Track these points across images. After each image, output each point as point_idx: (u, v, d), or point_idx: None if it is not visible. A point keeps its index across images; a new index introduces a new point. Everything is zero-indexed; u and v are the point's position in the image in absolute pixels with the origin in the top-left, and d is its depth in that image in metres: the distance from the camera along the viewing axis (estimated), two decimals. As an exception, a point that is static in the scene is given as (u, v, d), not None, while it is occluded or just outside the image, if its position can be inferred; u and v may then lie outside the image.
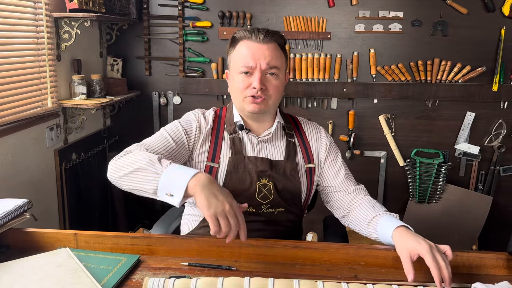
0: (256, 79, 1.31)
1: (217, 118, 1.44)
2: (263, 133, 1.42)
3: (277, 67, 1.33)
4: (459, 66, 2.59)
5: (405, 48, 2.63)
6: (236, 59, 1.36)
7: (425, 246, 1.07)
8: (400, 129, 2.75)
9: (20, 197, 1.39)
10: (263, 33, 1.33)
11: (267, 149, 1.41)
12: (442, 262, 1.04)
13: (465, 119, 2.69)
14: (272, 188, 1.37)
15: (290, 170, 1.39)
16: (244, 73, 1.33)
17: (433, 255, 1.05)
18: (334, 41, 2.65)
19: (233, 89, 1.39)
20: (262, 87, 1.31)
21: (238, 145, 1.38)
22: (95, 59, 2.63)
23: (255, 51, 1.32)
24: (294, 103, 2.75)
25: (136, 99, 2.79)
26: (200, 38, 2.67)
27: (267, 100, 1.34)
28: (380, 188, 2.84)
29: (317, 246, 1.19)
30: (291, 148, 1.43)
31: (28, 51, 1.94)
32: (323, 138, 1.49)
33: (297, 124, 1.51)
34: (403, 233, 1.16)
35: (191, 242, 1.22)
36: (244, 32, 1.35)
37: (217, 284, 0.97)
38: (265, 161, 1.37)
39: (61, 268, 1.07)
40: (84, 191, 2.43)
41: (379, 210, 1.34)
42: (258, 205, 1.36)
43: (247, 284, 0.98)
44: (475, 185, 2.79)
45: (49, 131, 2.10)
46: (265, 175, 1.36)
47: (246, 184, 1.35)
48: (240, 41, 1.36)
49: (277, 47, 1.36)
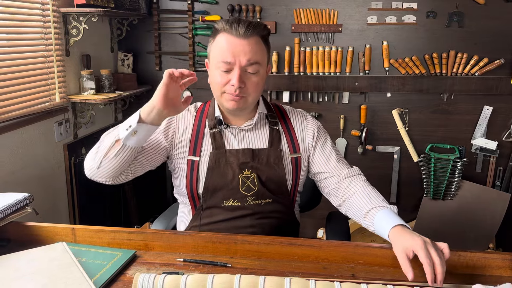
0: (235, 76, 1.24)
1: (199, 112, 1.41)
2: (243, 124, 1.39)
3: (258, 62, 1.27)
4: (476, 59, 2.50)
5: (419, 40, 2.55)
6: (214, 52, 1.29)
7: (419, 242, 1.03)
8: (414, 123, 2.67)
9: (29, 191, 1.41)
10: (243, 26, 1.24)
11: (249, 138, 1.38)
12: (436, 258, 1.00)
13: (482, 113, 2.60)
14: (256, 179, 1.34)
15: (274, 158, 1.36)
16: (222, 69, 1.26)
17: (427, 250, 1.02)
18: (346, 34, 2.60)
19: (212, 83, 1.32)
20: (241, 85, 1.25)
21: (219, 140, 1.36)
22: (106, 54, 2.65)
23: (234, 47, 1.24)
24: (304, 97, 2.71)
25: (147, 94, 2.79)
26: (209, 32, 2.65)
27: (246, 97, 1.29)
28: (394, 184, 2.78)
29: (314, 244, 1.16)
30: (275, 135, 1.39)
31: (36, 47, 1.96)
32: (310, 125, 1.44)
33: (282, 112, 1.46)
34: (399, 232, 1.12)
35: (187, 238, 1.21)
36: (224, 24, 1.26)
37: (207, 280, 0.96)
38: (247, 152, 1.35)
39: (55, 262, 1.08)
40: (94, 185, 2.43)
41: (375, 201, 1.28)
42: (242, 197, 1.34)
43: (237, 281, 0.96)
44: (492, 181, 2.70)
45: (57, 126, 2.12)
46: (247, 166, 1.34)
47: (228, 177, 1.33)
48: (220, 33, 1.28)
49: (259, 41, 1.28)
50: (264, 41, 1.30)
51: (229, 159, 1.34)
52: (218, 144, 1.35)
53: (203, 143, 1.36)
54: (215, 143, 1.35)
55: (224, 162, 1.34)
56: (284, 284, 0.95)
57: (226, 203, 1.34)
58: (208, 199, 1.35)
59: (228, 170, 1.33)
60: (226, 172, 1.33)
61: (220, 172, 1.33)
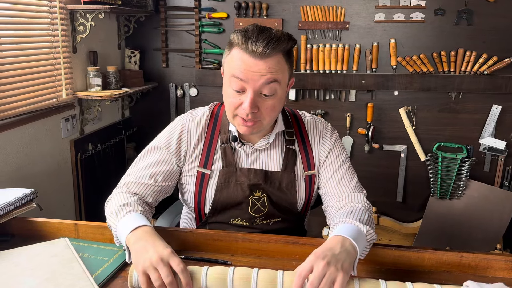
0: (248, 100, 1.11)
1: (212, 119, 1.31)
2: (258, 142, 1.28)
3: (277, 80, 1.12)
4: (485, 57, 2.47)
5: (427, 38, 2.53)
6: (228, 66, 1.15)
7: (311, 256, 0.92)
8: (422, 122, 2.65)
9: (34, 187, 1.42)
10: (261, 44, 1.07)
11: (262, 159, 1.29)
12: (313, 280, 0.87)
13: (491, 112, 2.57)
14: (266, 200, 1.28)
15: (286, 183, 1.28)
16: (234, 88, 1.13)
17: (310, 265, 0.90)
18: (353, 31, 2.58)
19: (225, 101, 1.20)
20: (253, 111, 1.12)
21: (230, 156, 1.27)
22: (113, 51, 2.66)
23: (249, 67, 1.09)
24: (311, 95, 2.70)
25: (153, 91, 2.81)
26: (216, 29, 2.65)
27: (260, 121, 1.17)
28: (400, 183, 2.76)
29: (314, 243, 1.15)
30: (290, 157, 1.29)
31: (43, 43, 1.98)
32: (327, 142, 1.33)
33: (299, 125, 1.35)
34: (328, 240, 1.00)
35: (188, 235, 1.21)
36: (240, 38, 1.10)
37: (201, 272, 0.97)
38: (259, 173, 1.26)
39: (56, 257, 1.09)
40: (102, 181, 2.47)
41: (347, 218, 1.12)
42: (251, 218, 1.29)
43: (231, 273, 0.96)
44: (500, 181, 2.67)
45: (64, 122, 2.14)
46: (258, 188, 1.26)
47: (238, 199, 1.26)
48: (234, 46, 1.13)
49: (280, 59, 1.12)
50: (287, 56, 1.15)
51: (240, 178, 1.26)
52: (229, 161, 1.26)
53: (215, 157, 1.28)
54: (225, 159, 1.27)
55: (234, 181, 1.26)
56: (277, 277, 0.96)
57: (234, 221, 1.31)
58: (214, 216, 1.31)
59: (238, 191, 1.26)
60: (236, 194, 1.26)
61: (229, 192, 1.26)
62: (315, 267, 0.89)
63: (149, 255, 0.94)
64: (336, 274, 0.89)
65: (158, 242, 0.98)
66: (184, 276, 0.92)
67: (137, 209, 1.13)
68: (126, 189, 1.26)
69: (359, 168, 2.74)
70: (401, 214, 2.82)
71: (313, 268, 0.89)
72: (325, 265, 0.89)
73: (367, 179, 2.77)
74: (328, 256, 0.91)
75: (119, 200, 1.18)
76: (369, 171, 2.76)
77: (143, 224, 1.05)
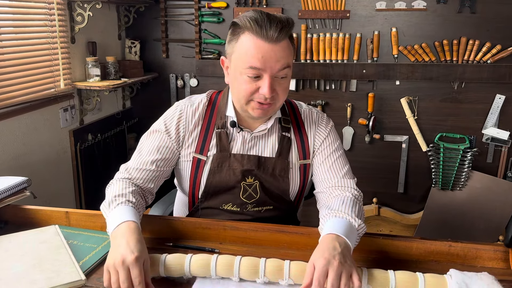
0: (266, 85, 1.13)
1: (210, 106, 1.32)
2: (258, 127, 1.29)
3: (289, 65, 1.16)
4: (488, 46, 2.42)
5: (429, 26, 2.48)
6: (240, 55, 1.15)
7: (322, 260, 0.90)
8: (424, 112, 2.62)
9: (32, 176, 1.43)
10: (277, 29, 1.09)
11: (259, 145, 1.30)
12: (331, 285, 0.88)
13: (494, 102, 2.52)
14: (258, 187, 1.29)
15: (279, 170, 1.29)
16: (249, 75, 1.14)
17: (323, 271, 0.89)
18: (354, 20, 2.55)
19: (235, 89, 1.21)
20: (273, 94, 1.15)
21: (224, 142, 1.28)
22: (113, 41, 2.66)
23: (266, 53, 1.11)
24: (311, 85, 2.68)
25: (154, 82, 2.81)
26: (216, 19, 2.64)
27: (275, 103, 1.19)
28: (402, 174, 2.74)
29: (302, 231, 1.15)
30: (285, 144, 1.30)
31: (41, 33, 1.98)
32: (322, 130, 1.34)
33: (296, 114, 1.36)
34: (323, 240, 1.00)
35: (177, 223, 1.22)
36: (252, 23, 1.10)
37: (185, 259, 0.98)
38: (253, 159, 1.27)
39: (45, 244, 1.10)
40: (102, 171, 2.49)
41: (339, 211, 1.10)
42: (242, 204, 1.30)
43: (214, 260, 0.97)
44: (504, 172, 2.63)
45: (63, 112, 2.15)
46: (251, 174, 1.27)
47: (230, 183, 1.27)
48: (244, 32, 1.13)
49: (288, 42, 1.16)
50: (291, 39, 1.19)
51: (233, 164, 1.27)
52: (223, 146, 1.28)
53: (211, 144, 1.29)
54: (220, 144, 1.28)
55: (227, 166, 1.27)
56: (260, 264, 0.96)
57: (225, 207, 1.31)
58: (206, 200, 1.32)
59: (230, 176, 1.27)
60: (228, 178, 1.27)
61: (222, 177, 1.28)
62: (330, 270, 0.90)
63: (116, 254, 0.94)
64: (350, 269, 0.91)
65: (132, 243, 0.96)
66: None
67: (130, 201, 1.13)
68: (127, 175, 1.27)
69: (360, 159, 2.76)
70: (402, 205, 2.80)
71: (329, 271, 0.90)
72: (339, 265, 0.90)
73: (368, 170, 2.76)
74: (336, 255, 0.92)
75: (116, 189, 1.18)
76: (370, 162, 2.74)
77: (129, 220, 1.04)
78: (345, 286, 0.89)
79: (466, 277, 0.90)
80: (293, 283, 0.96)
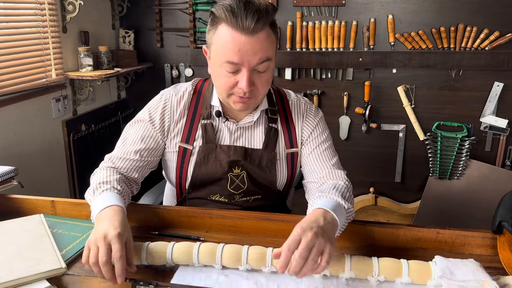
0: (244, 80, 1.08)
1: (196, 94, 1.29)
2: (243, 118, 1.27)
3: (269, 58, 1.10)
4: (486, 32, 2.38)
5: (426, 13, 2.44)
6: (217, 47, 1.10)
7: (298, 229, 0.88)
8: (421, 100, 2.59)
9: (24, 166, 1.42)
10: (253, 20, 1.02)
11: (245, 136, 1.28)
12: (301, 252, 0.85)
13: (492, 89, 2.49)
14: (246, 177, 1.27)
15: (266, 161, 1.27)
16: (227, 69, 1.10)
17: (297, 236, 0.87)
18: (350, 7, 2.51)
19: (216, 81, 1.17)
20: (251, 88, 1.11)
21: (210, 133, 1.25)
22: (107, 31, 2.64)
23: (243, 46, 1.05)
24: (307, 74, 2.65)
25: (149, 72, 2.79)
26: (210, 7, 2.61)
27: (256, 96, 1.15)
28: (399, 163, 2.72)
29: (288, 219, 1.13)
30: (272, 135, 1.28)
31: (31, 23, 1.96)
32: (310, 120, 1.31)
33: (283, 103, 1.33)
34: (308, 213, 1.00)
35: (163, 211, 1.20)
36: (227, 13, 1.04)
37: (167, 247, 0.97)
38: (239, 150, 1.25)
39: (28, 233, 1.09)
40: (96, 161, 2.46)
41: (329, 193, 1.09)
42: (230, 195, 1.28)
43: (197, 248, 0.96)
44: (502, 161, 2.60)
45: (55, 102, 2.14)
46: (237, 165, 1.25)
47: (217, 175, 1.26)
48: (221, 23, 1.07)
49: (269, 32, 1.09)
50: (273, 27, 1.12)
51: (219, 155, 1.25)
52: (209, 138, 1.25)
53: (197, 133, 1.27)
54: (206, 136, 1.25)
55: (213, 158, 1.25)
56: (242, 251, 0.95)
57: (213, 198, 1.30)
58: (194, 191, 1.31)
59: (217, 167, 1.25)
60: (215, 170, 1.25)
61: (208, 169, 1.26)
62: (303, 239, 0.87)
63: (98, 231, 0.92)
64: (324, 244, 0.87)
65: (116, 221, 0.94)
66: (118, 265, 0.88)
67: (115, 188, 1.12)
68: (111, 164, 1.26)
69: (357, 149, 2.74)
70: (400, 194, 2.78)
71: (301, 240, 0.87)
72: (314, 236, 0.87)
73: (365, 160, 2.74)
74: (314, 227, 0.89)
75: (101, 176, 1.17)
76: (367, 151, 2.71)
77: (114, 204, 1.03)
78: (312, 260, 0.86)
79: (451, 263, 0.88)
80: (275, 270, 0.95)
